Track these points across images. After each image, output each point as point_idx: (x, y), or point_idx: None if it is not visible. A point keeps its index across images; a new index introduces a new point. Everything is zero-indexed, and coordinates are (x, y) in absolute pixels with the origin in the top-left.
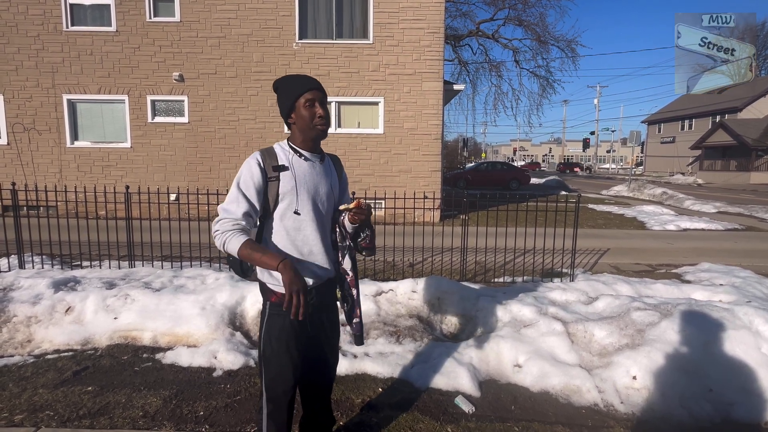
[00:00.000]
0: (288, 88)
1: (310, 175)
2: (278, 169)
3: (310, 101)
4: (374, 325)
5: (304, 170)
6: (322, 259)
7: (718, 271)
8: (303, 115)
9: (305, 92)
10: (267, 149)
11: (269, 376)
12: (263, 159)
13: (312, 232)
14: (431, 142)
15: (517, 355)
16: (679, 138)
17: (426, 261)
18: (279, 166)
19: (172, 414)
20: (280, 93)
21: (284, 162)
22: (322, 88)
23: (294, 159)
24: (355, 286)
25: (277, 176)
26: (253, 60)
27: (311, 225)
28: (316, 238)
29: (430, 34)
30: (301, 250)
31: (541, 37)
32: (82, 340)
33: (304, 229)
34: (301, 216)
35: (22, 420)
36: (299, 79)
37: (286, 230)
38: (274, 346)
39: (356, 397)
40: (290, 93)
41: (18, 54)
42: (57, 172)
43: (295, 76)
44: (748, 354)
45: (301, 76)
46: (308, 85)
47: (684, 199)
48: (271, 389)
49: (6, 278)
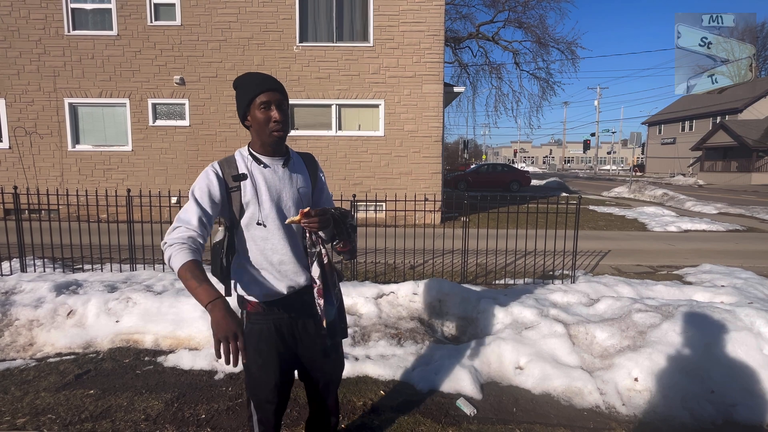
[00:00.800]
0: (244, 87)
1: (271, 181)
2: (238, 179)
3: (265, 104)
4: (375, 327)
5: (264, 177)
6: (295, 268)
7: (720, 273)
8: (258, 118)
9: (260, 93)
10: (227, 158)
11: (251, 384)
12: (221, 169)
13: (279, 240)
14: (432, 144)
15: (518, 357)
16: (679, 139)
17: (427, 263)
18: (239, 175)
19: (173, 417)
20: (237, 92)
21: (243, 170)
22: (281, 89)
23: (253, 166)
24: (322, 296)
25: (238, 186)
26: (253, 63)
27: (278, 233)
28: (284, 246)
29: (430, 37)
30: (270, 259)
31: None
32: (83, 344)
33: (271, 239)
34: (269, 225)
35: (24, 423)
36: (256, 78)
37: (254, 240)
38: (252, 356)
39: (358, 400)
40: (246, 93)
41: (20, 58)
42: (58, 176)
43: (253, 74)
44: (749, 355)
45: (258, 74)
46: (264, 86)
47: (685, 200)
48: (255, 396)
49: (8, 282)
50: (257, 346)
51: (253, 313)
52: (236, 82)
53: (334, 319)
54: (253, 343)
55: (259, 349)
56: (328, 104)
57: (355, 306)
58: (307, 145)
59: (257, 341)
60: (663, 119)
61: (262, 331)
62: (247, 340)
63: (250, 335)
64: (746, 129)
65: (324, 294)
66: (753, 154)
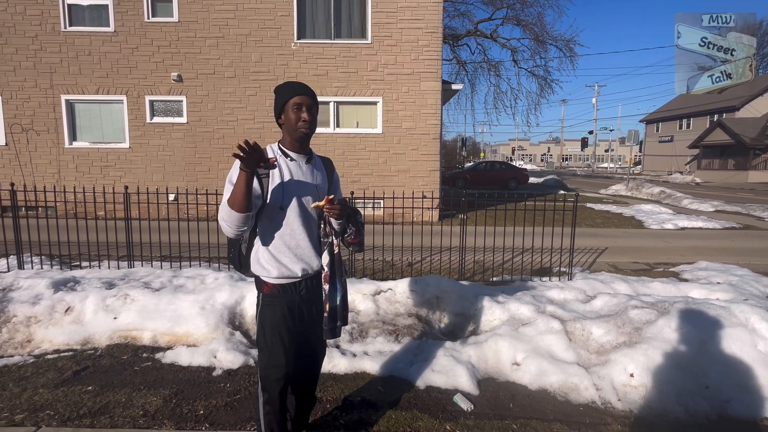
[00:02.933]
0: (282, 92)
1: (296, 173)
2: (268, 167)
3: (297, 105)
4: (373, 324)
5: (290, 169)
6: (309, 253)
7: (716, 270)
8: (290, 117)
9: (294, 96)
10: None
11: (263, 363)
12: None
13: (298, 227)
14: (430, 141)
15: (515, 354)
16: (677, 137)
17: (425, 260)
18: (269, 165)
19: (172, 413)
20: (276, 97)
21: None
22: (312, 96)
23: (281, 159)
24: (328, 282)
25: (267, 173)
26: (251, 60)
27: (297, 220)
28: (302, 232)
29: (429, 34)
30: (288, 243)
31: (539, 36)
32: (81, 340)
33: (290, 224)
34: (287, 212)
35: (22, 419)
36: (293, 84)
37: (274, 225)
38: (267, 335)
39: (356, 396)
40: (282, 96)
41: (16, 54)
42: (55, 173)
43: (292, 82)
44: (744, 351)
45: (297, 82)
46: (299, 91)
47: (682, 198)
48: (264, 377)
49: (5, 279)
50: (271, 324)
51: (269, 295)
52: (276, 88)
53: (337, 305)
54: (267, 323)
55: (272, 327)
56: (326, 101)
57: (353, 303)
58: None
59: (271, 320)
60: (661, 117)
61: (275, 312)
62: (262, 319)
63: (265, 314)
64: (743, 127)
65: (330, 280)
66: (750, 152)
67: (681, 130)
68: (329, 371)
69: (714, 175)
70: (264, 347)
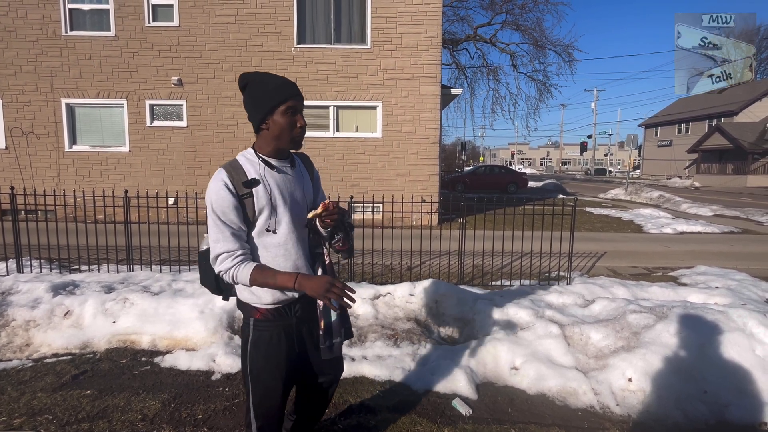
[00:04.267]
0: (266, 90)
1: (284, 185)
2: (249, 185)
3: (291, 109)
4: (372, 328)
5: (278, 182)
6: (306, 271)
7: (714, 274)
8: (281, 123)
9: (288, 100)
10: (231, 164)
11: (258, 393)
12: (230, 177)
13: (294, 245)
14: (429, 145)
15: (514, 358)
16: (676, 141)
17: (424, 264)
18: (250, 181)
19: (170, 417)
20: (252, 92)
21: (254, 175)
22: (301, 95)
23: (266, 172)
24: None
25: (250, 192)
26: (251, 64)
27: (291, 239)
28: (298, 250)
29: (428, 39)
30: (283, 266)
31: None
32: (80, 344)
33: (284, 244)
34: (282, 230)
35: (21, 424)
36: (277, 81)
37: (266, 246)
38: (261, 364)
39: (354, 400)
40: (269, 97)
41: (17, 58)
42: (55, 176)
43: (270, 76)
44: (742, 356)
45: (276, 77)
46: (290, 92)
47: (681, 203)
48: (259, 406)
49: (4, 282)
50: (266, 353)
51: (262, 321)
52: (247, 80)
53: (332, 321)
54: (262, 351)
55: (267, 356)
56: (325, 106)
57: (352, 307)
58: (305, 146)
59: (266, 348)
60: (659, 122)
61: (272, 338)
62: (255, 348)
63: (259, 343)
64: (742, 131)
65: None
66: (749, 157)
67: (680, 134)
68: None
69: (713, 180)
70: (259, 376)
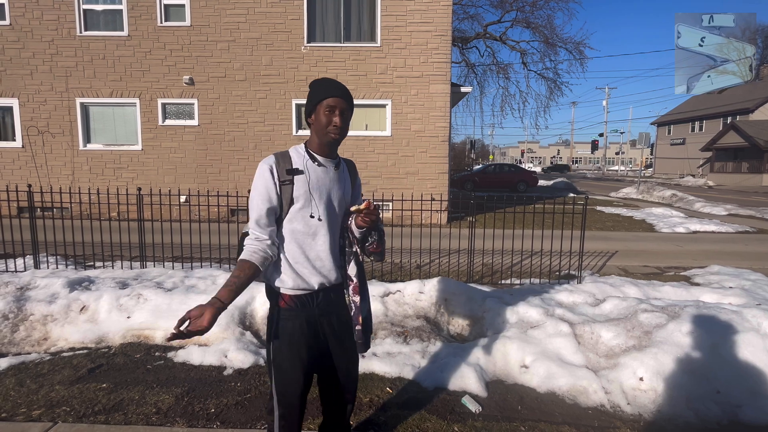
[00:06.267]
0: (316, 89)
1: (324, 180)
2: (292, 173)
3: (330, 108)
4: (382, 325)
5: (318, 175)
6: (329, 265)
7: (728, 274)
8: (320, 119)
9: (328, 97)
10: (282, 153)
11: (281, 381)
12: (276, 163)
13: (322, 236)
14: (438, 144)
15: (523, 356)
16: (689, 140)
17: (433, 263)
18: (293, 170)
19: (184, 411)
20: (309, 92)
21: (299, 166)
22: (349, 99)
23: (309, 163)
24: (358, 293)
25: (291, 180)
26: (262, 63)
27: (322, 230)
28: (325, 243)
29: (438, 37)
30: (308, 254)
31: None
32: (96, 339)
33: (314, 234)
34: (313, 220)
35: (39, 415)
36: (330, 83)
37: (295, 234)
38: (285, 352)
39: (364, 396)
40: (316, 95)
41: (33, 59)
42: (70, 174)
43: (328, 80)
44: (756, 356)
45: (333, 81)
46: (334, 92)
47: (694, 202)
48: (282, 394)
49: (23, 278)
50: (290, 341)
51: (285, 309)
52: (312, 83)
53: (368, 315)
54: (286, 339)
55: (290, 344)
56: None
57: None
58: None
59: (290, 336)
60: (672, 120)
61: (295, 327)
62: (278, 338)
63: (283, 331)
64: (758, 129)
65: (360, 291)
66: (764, 155)
67: (693, 132)
68: None
69: (727, 178)
70: (282, 364)
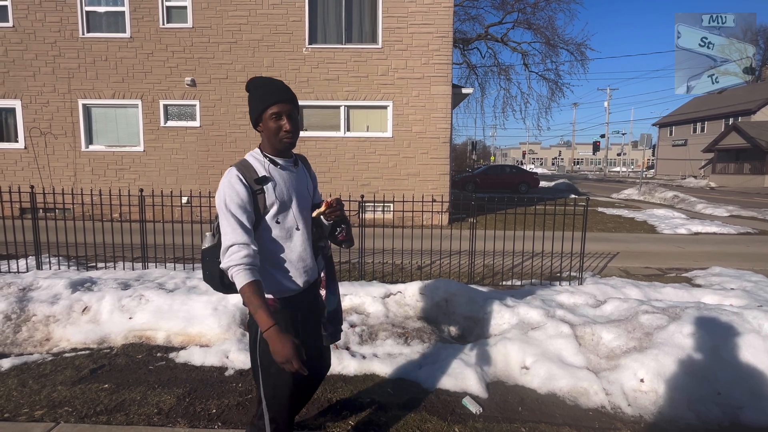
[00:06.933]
0: (258, 95)
1: (290, 181)
2: (260, 182)
3: (276, 115)
4: (383, 326)
5: (284, 178)
6: (311, 263)
7: (730, 276)
8: (270, 127)
9: (271, 106)
10: (242, 163)
11: (270, 384)
12: (243, 174)
13: (299, 237)
14: (440, 145)
15: (524, 357)
16: (691, 141)
17: (434, 264)
18: (261, 178)
19: (185, 411)
20: (250, 97)
21: (264, 173)
22: (292, 100)
23: (271, 169)
24: (325, 287)
25: (261, 188)
26: (263, 65)
27: (298, 231)
28: (303, 243)
29: (439, 38)
30: (291, 258)
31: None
32: (98, 339)
33: (292, 237)
34: (289, 224)
35: (42, 416)
36: (269, 87)
37: (274, 240)
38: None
39: (365, 397)
40: (259, 102)
41: (36, 60)
42: (72, 176)
43: (267, 81)
44: (757, 358)
45: (271, 82)
46: (276, 98)
47: (696, 203)
48: (272, 397)
49: (25, 279)
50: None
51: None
52: (249, 85)
53: (336, 308)
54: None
55: None
56: (336, 105)
57: (363, 305)
58: (316, 146)
59: None
60: (674, 121)
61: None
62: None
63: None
64: (760, 130)
65: (327, 285)
66: (766, 156)
67: (695, 133)
68: (339, 372)
69: (729, 180)
70: (267, 369)
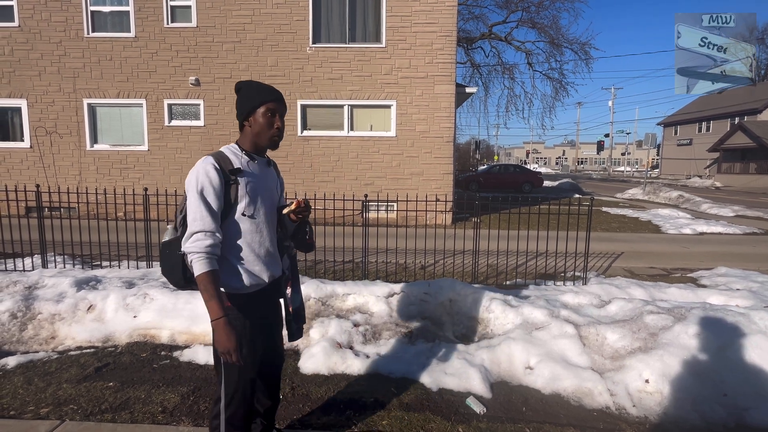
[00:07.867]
0: (252, 92)
1: (263, 178)
2: (235, 173)
3: (271, 111)
4: (386, 326)
5: (257, 175)
6: (277, 260)
7: (735, 276)
8: (260, 122)
9: (269, 101)
10: (218, 154)
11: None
12: (218, 163)
13: (267, 232)
14: (443, 144)
15: (528, 358)
16: (696, 140)
17: (438, 263)
18: (235, 170)
19: (189, 410)
20: (242, 94)
21: (239, 165)
22: (284, 103)
23: (248, 163)
24: (291, 286)
25: (235, 179)
26: (267, 64)
27: (266, 226)
28: (271, 238)
29: (443, 38)
30: (257, 252)
31: (554, 39)
32: (103, 338)
33: (260, 231)
34: (258, 218)
35: (47, 413)
36: (264, 87)
37: (243, 232)
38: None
39: (368, 397)
40: (253, 97)
41: (41, 60)
42: (77, 175)
43: (261, 84)
44: (763, 359)
45: (266, 85)
46: (273, 96)
47: (701, 203)
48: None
49: (31, 277)
50: (243, 336)
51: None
52: (240, 85)
53: (300, 306)
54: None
55: (246, 339)
56: (340, 105)
57: (367, 304)
58: (320, 145)
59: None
60: (679, 120)
61: (246, 322)
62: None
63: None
64: (766, 130)
65: (292, 284)
66: None
67: (700, 133)
68: (343, 372)
69: (735, 179)
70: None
